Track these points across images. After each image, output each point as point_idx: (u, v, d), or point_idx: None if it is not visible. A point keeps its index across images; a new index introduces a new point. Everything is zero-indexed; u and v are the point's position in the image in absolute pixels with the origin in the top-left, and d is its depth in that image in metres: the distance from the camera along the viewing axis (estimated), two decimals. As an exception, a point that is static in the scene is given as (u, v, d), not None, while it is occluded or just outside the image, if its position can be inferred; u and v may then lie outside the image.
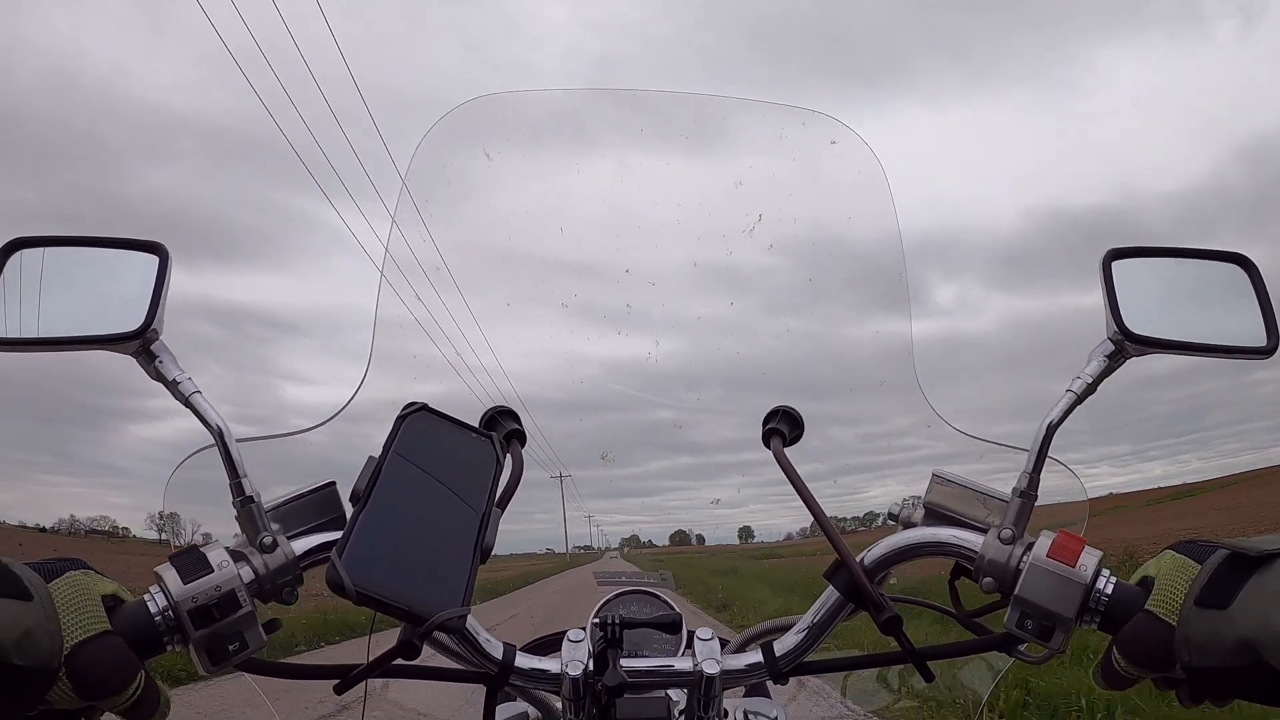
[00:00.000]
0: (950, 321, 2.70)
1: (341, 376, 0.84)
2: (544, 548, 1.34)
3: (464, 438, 0.76)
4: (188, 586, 0.66)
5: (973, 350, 2.26)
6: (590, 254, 0.90)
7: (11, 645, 0.55)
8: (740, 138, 0.90)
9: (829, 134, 0.84)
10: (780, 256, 0.89)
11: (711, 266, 0.89)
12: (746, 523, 1.10)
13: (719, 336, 0.92)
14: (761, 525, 1.12)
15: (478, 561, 0.66)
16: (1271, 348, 0.77)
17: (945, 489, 0.79)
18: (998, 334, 3.95)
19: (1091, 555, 0.70)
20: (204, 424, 0.74)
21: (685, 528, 1.17)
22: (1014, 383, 1.71)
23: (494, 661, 0.77)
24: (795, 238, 0.88)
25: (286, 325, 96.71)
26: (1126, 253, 0.79)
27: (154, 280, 0.77)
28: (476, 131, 0.86)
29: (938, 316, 2.10)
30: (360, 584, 0.57)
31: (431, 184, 0.84)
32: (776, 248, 0.88)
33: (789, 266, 0.90)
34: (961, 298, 3.81)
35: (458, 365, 1.00)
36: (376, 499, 0.65)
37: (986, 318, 4.50)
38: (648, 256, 0.91)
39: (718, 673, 0.76)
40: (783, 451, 0.81)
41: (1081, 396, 0.77)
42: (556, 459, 1.02)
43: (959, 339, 2.48)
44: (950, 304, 2.60)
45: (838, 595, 0.77)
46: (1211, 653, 0.61)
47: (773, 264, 0.89)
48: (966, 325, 3.53)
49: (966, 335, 2.57)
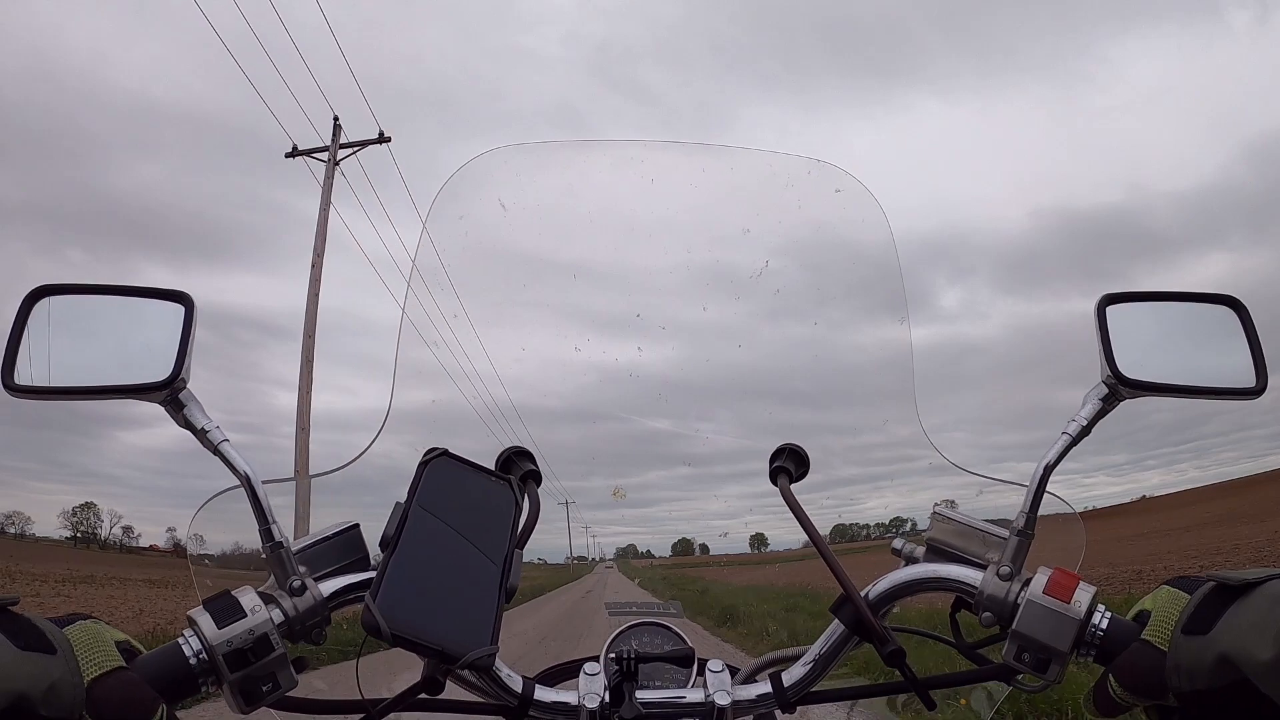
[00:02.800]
0: (956, 328, 2.71)
1: (334, 384, 0.87)
2: (537, 557, 1.36)
3: (483, 481, 0.78)
4: (222, 631, 0.69)
5: (979, 357, 2.28)
6: (602, 300, 0.93)
7: (39, 697, 0.58)
8: (747, 186, 0.92)
9: (834, 182, 0.87)
10: (786, 305, 0.92)
11: (721, 312, 0.92)
12: (744, 535, 1.12)
13: (730, 379, 0.95)
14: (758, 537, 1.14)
15: (503, 601, 0.69)
16: (1260, 388, 0.80)
17: (946, 525, 0.83)
18: (1005, 339, 3.98)
19: (1086, 591, 0.73)
20: (232, 471, 0.76)
21: (689, 537, 1.19)
22: (1020, 390, 1.74)
23: (513, 695, 0.80)
24: (801, 283, 0.90)
25: (276, 329, 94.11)
26: (1120, 298, 0.82)
27: (180, 329, 0.79)
28: (493, 178, 0.88)
29: (944, 322, 2.11)
30: (395, 626, 0.60)
31: (450, 229, 0.86)
32: (784, 293, 0.91)
33: (795, 313, 0.93)
34: (968, 301, 3.82)
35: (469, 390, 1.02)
36: (404, 543, 0.67)
37: (992, 323, 4.51)
38: (658, 302, 0.93)
39: (729, 703, 0.79)
40: (789, 490, 0.83)
41: (1076, 439, 0.80)
42: (564, 489, 1.05)
43: (964, 344, 2.50)
44: (956, 308, 2.63)
45: (844, 628, 0.80)
46: (1197, 676, 0.64)
47: (778, 305, 0.92)
48: (972, 331, 3.54)
49: (972, 341, 2.59)
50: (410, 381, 0.90)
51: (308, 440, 14.76)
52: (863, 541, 1.07)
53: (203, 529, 0.88)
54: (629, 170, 0.91)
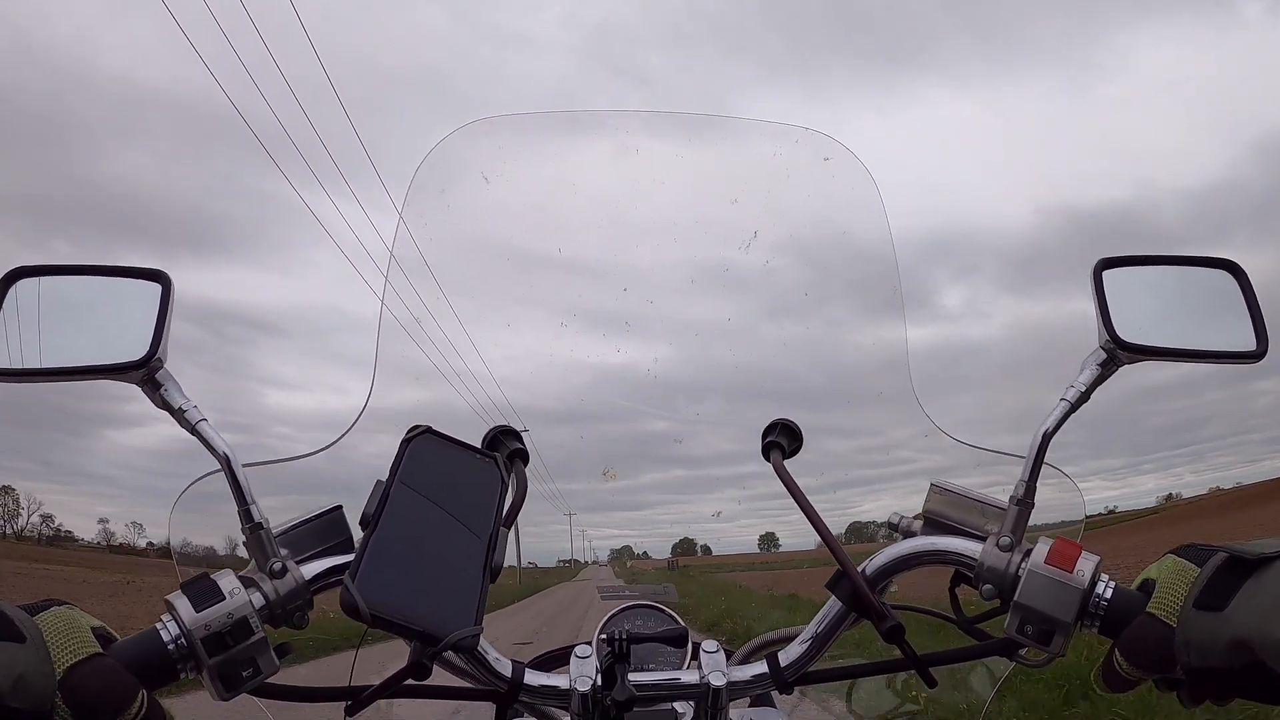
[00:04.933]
0: (957, 327, 2.69)
1: (326, 382, 0.86)
2: (527, 561, 1.34)
3: (468, 459, 0.77)
4: (200, 615, 0.67)
5: (980, 357, 2.26)
6: (587, 272, 0.91)
7: (7, 688, 0.56)
8: (735, 155, 0.91)
9: (823, 151, 0.86)
10: (776, 271, 0.90)
11: (709, 282, 0.91)
12: (742, 537, 1.11)
13: (716, 347, 0.94)
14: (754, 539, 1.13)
15: (488, 581, 0.67)
16: (1261, 351, 0.79)
17: (943, 498, 0.81)
18: (1006, 339, 3.97)
19: (1089, 560, 0.71)
20: (211, 451, 0.75)
21: (690, 537, 1.17)
22: (1023, 391, 1.72)
23: (503, 679, 0.78)
24: (791, 253, 0.89)
25: (266, 325, 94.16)
26: (1117, 261, 0.80)
27: (157, 308, 0.78)
28: (473, 154, 0.87)
29: (945, 321, 2.09)
30: (374, 607, 0.58)
31: (431, 208, 0.85)
32: (772, 263, 0.89)
33: (785, 281, 0.91)
34: (971, 300, 3.82)
35: (457, 380, 1.00)
36: (385, 522, 0.66)
37: (995, 321, 4.51)
38: (645, 275, 0.92)
39: (724, 684, 0.77)
40: (782, 464, 0.82)
41: (1075, 405, 0.78)
42: (561, 494, 1.03)
43: (965, 345, 2.48)
44: (958, 307, 2.61)
45: (840, 605, 0.78)
46: (1209, 653, 0.62)
47: (769, 278, 0.90)
48: (973, 331, 3.53)
49: (973, 341, 2.58)
50: (395, 379, 0.88)
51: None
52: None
53: (185, 517, 0.86)
54: (614, 142, 0.89)
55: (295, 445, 0.83)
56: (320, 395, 14.07)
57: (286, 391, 25.40)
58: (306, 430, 6.42)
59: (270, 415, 12.17)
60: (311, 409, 13.41)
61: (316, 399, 10.20)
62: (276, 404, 30.86)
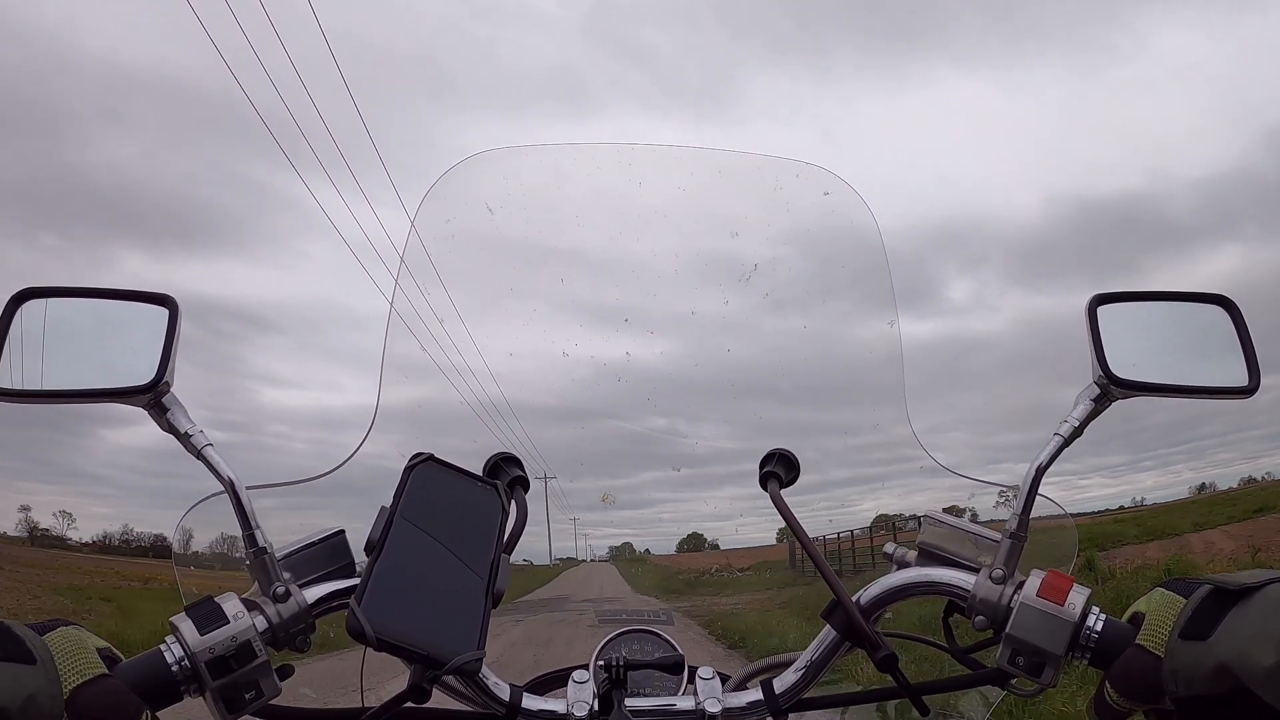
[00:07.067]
0: (965, 321, 2.67)
1: (321, 379, 0.86)
2: (523, 558, 1.34)
3: (469, 486, 0.78)
4: (204, 637, 0.68)
5: (986, 353, 2.26)
6: (590, 303, 0.93)
7: (16, 710, 0.57)
8: (736, 189, 0.93)
9: (823, 185, 0.87)
10: (774, 304, 0.91)
11: (709, 316, 0.92)
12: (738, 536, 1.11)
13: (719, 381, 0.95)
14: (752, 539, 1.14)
15: (490, 606, 0.68)
16: (1253, 387, 0.80)
17: (938, 530, 0.82)
18: (1014, 333, 3.96)
19: (1080, 594, 0.72)
20: (216, 477, 0.76)
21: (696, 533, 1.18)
22: (1026, 388, 1.73)
23: (501, 703, 0.79)
24: (790, 286, 0.90)
25: (260, 320, 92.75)
26: (1111, 298, 0.82)
27: (164, 332, 0.79)
28: (478, 185, 0.88)
29: (952, 315, 2.07)
30: (380, 630, 0.59)
31: (435, 239, 0.86)
32: (772, 295, 0.90)
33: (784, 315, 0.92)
34: (978, 294, 3.81)
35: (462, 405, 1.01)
36: (389, 548, 0.66)
37: (1003, 315, 4.49)
38: (646, 305, 0.93)
39: (719, 711, 0.78)
40: (780, 495, 0.83)
41: (1068, 439, 0.79)
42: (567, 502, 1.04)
43: (971, 339, 2.47)
44: (965, 301, 2.60)
45: (835, 634, 0.79)
46: (1195, 682, 0.63)
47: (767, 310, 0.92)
48: (980, 325, 3.52)
49: (980, 336, 2.57)
50: (398, 380, 0.89)
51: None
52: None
53: (189, 532, 0.87)
54: (618, 174, 0.91)
55: (292, 444, 0.84)
56: (316, 392, 13.95)
57: (281, 389, 25.41)
58: (302, 429, 6.18)
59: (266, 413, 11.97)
60: (308, 406, 13.21)
61: (312, 396, 10.12)
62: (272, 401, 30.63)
